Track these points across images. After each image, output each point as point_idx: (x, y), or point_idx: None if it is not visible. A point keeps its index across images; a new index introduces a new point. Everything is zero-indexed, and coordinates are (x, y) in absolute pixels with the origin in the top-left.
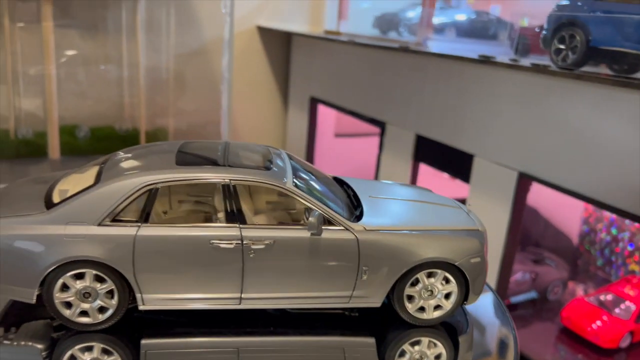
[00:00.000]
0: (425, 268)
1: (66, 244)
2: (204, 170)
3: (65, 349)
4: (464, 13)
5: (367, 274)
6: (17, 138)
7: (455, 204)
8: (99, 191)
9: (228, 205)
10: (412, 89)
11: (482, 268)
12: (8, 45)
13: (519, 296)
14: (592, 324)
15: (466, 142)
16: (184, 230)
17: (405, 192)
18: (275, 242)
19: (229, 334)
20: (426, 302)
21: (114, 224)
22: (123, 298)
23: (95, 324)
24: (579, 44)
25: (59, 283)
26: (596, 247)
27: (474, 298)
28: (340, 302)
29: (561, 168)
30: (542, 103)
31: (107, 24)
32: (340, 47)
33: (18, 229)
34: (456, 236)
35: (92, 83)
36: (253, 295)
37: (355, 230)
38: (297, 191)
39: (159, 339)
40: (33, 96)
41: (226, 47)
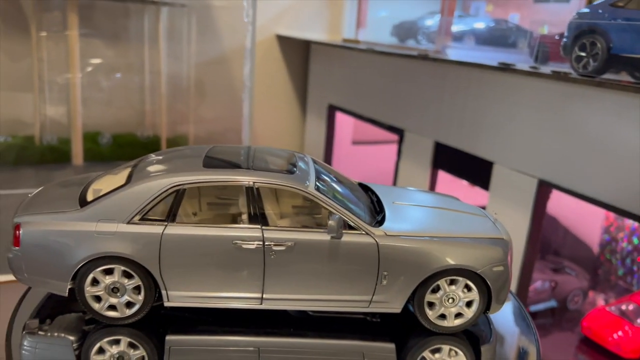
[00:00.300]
0: (446, 275)
1: (97, 240)
2: (229, 172)
3: (95, 341)
4: (482, 21)
5: (387, 279)
6: (42, 144)
7: (481, 212)
8: (129, 191)
9: (251, 207)
10: (430, 97)
11: (506, 277)
12: (35, 54)
13: (539, 305)
14: (614, 334)
15: (485, 149)
16: (208, 230)
17: (430, 199)
18: (296, 244)
19: (251, 334)
20: (447, 309)
21: (142, 223)
22: (149, 294)
23: (122, 318)
24: (600, 51)
25: (89, 277)
26: (617, 257)
27: (497, 307)
28: (360, 307)
29: (582, 175)
30: (562, 110)
31: (129, 33)
32: (359, 55)
33: (53, 224)
34: (479, 244)
35: (114, 91)
36: (274, 296)
37: (376, 235)
38: (319, 195)
39: (183, 335)
40: (58, 104)
41: (248, 56)
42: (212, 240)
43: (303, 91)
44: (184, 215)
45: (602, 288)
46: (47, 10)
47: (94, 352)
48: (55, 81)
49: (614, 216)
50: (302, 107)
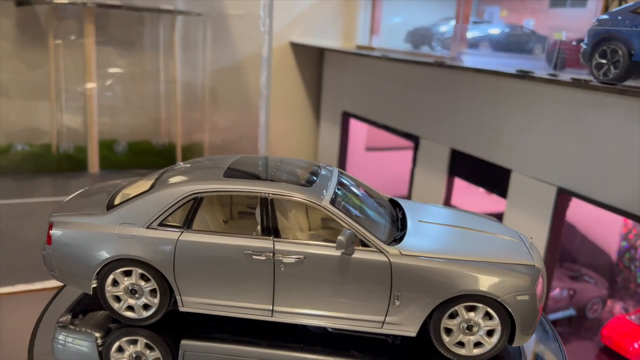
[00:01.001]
0: (464, 301)
1: (118, 242)
2: (246, 183)
3: (115, 339)
4: (497, 27)
5: (401, 300)
6: (59, 153)
7: (516, 236)
8: (151, 197)
9: (265, 218)
10: (446, 103)
11: (532, 307)
12: (52, 62)
13: (557, 313)
14: (635, 343)
15: (503, 156)
16: (221, 238)
17: (462, 219)
18: (306, 258)
19: (263, 345)
20: (465, 337)
21: (160, 228)
22: (164, 298)
23: (139, 319)
24: (621, 58)
25: (110, 278)
26: (636, 264)
27: (522, 339)
28: (372, 327)
29: (601, 183)
30: (582, 118)
31: (145, 41)
32: (373, 62)
33: (81, 225)
34: (503, 270)
35: (129, 99)
36: (284, 309)
37: (390, 253)
38: (332, 209)
39: (198, 341)
40: (74, 112)
41: (264, 65)
42: (224, 249)
43: (317, 98)
44: (200, 223)
45: (621, 296)
46: (63, 19)
47: (114, 350)
48: (71, 90)
49: (632, 223)
50: (316, 114)
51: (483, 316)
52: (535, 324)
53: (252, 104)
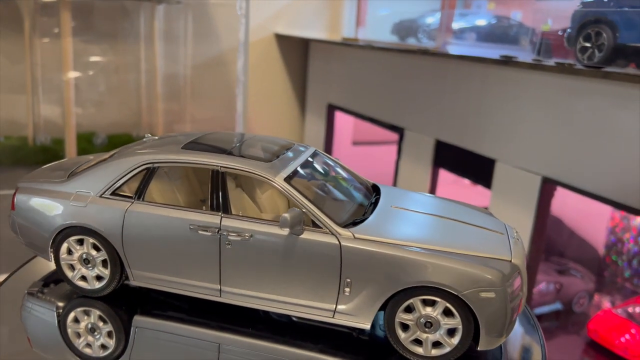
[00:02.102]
0: (421, 294)
1: (71, 210)
2: (200, 155)
3: (71, 309)
4: (484, 18)
5: (351, 287)
6: (36, 145)
7: (502, 229)
8: (105, 165)
9: (214, 192)
10: (431, 94)
11: (500, 306)
12: (28, 54)
13: (543, 307)
14: (621, 337)
15: (487, 146)
16: (168, 211)
17: (445, 209)
18: (252, 236)
19: (215, 327)
20: (423, 334)
21: (112, 197)
22: (115, 269)
23: (91, 290)
24: (605, 41)
25: (64, 246)
26: (623, 258)
27: (489, 341)
28: (323, 315)
29: (586, 172)
30: (566, 105)
31: (124, 32)
32: (358, 53)
33: (40, 192)
34: (468, 262)
35: (110, 91)
36: (232, 290)
37: (342, 235)
38: (285, 186)
39: (151, 318)
40: (52, 104)
41: (242, 50)
42: (171, 222)
43: (302, 91)
44: (151, 195)
45: (608, 290)
46: (40, 10)
47: (70, 320)
48: (49, 82)
49: (619, 217)
50: (301, 106)
51: (443, 313)
52: (507, 326)
53: (233, 95)
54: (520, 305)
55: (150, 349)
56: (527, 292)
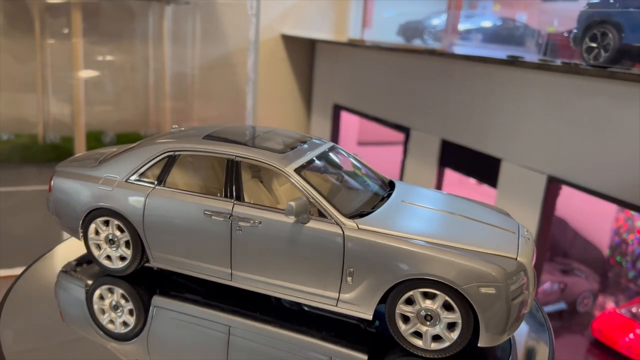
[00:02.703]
0: (421, 286)
1: (99, 193)
2: (218, 145)
3: (97, 286)
4: (489, 20)
5: (353, 277)
6: (45, 143)
7: (512, 228)
8: (132, 152)
9: (229, 180)
10: (437, 94)
11: (501, 302)
12: (38, 54)
13: (548, 307)
14: (625, 336)
15: (493, 146)
16: (186, 196)
17: (457, 206)
18: (261, 223)
19: (228, 311)
20: (423, 327)
21: (136, 182)
22: (136, 250)
23: (115, 269)
24: (611, 41)
25: (92, 226)
26: (627, 259)
27: (490, 338)
28: (327, 304)
29: (592, 170)
30: (571, 104)
31: (134, 32)
32: (364, 54)
33: (73, 176)
34: (471, 257)
35: (118, 90)
36: (242, 274)
37: (346, 225)
38: (295, 176)
39: (169, 298)
40: (62, 103)
41: (252, 49)
42: (187, 207)
43: (308, 91)
44: (171, 181)
45: (613, 291)
46: (50, 11)
47: (96, 296)
48: (59, 81)
49: (624, 218)
50: (307, 107)
51: (443, 306)
52: (509, 324)
53: (241, 93)
54: (526, 304)
55: (166, 327)
56: (534, 289)
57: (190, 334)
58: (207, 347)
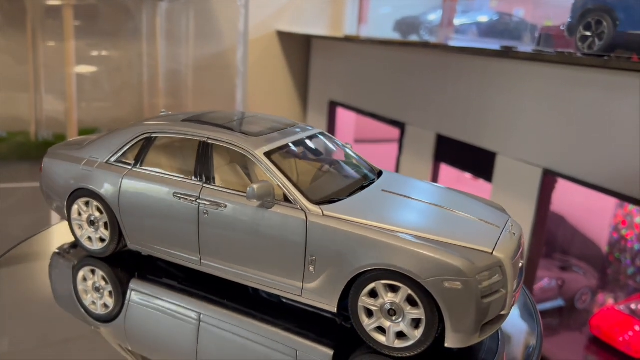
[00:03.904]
0: (384, 277)
1: (81, 174)
2: (192, 127)
3: (81, 267)
4: (486, 15)
5: (315, 265)
6: (38, 140)
7: (499, 223)
8: (115, 134)
9: (199, 163)
10: (432, 89)
11: (468, 298)
12: (31, 51)
13: (546, 304)
14: (623, 333)
15: (488, 140)
16: (158, 178)
17: (441, 198)
18: (227, 207)
19: (201, 298)
20: (387, 323)
21: (115, 164)
22: (114, 232)
23: (94, 250)
24: (606, 29)
25: (75, 207)
26: (626, 256)
27: (457, 339)
28: (292, 293)
29: (587, 163)
30: (566, 96)
31: (127, 31)
32: (359, 50)
33: (60, 157)
34: (435, 248)
35: (112, 88)
36: (210, 261)
37: (310, 211)
38: (264, 159)
39: (146, 282)
40: (55, 101)
41: (241, 41)
42: (158, 190)
43: (304, 88)
44: (147, 163)
45: (612, 288)
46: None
47: (80, 278)
48: (52, 79)
49: (622, 214)
50: (303, 103)
51: (408, 301)
52: (478, 323)
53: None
54: (504, 304)
55: (141, 312)
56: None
57: (162, 320)
58: (177, 333)
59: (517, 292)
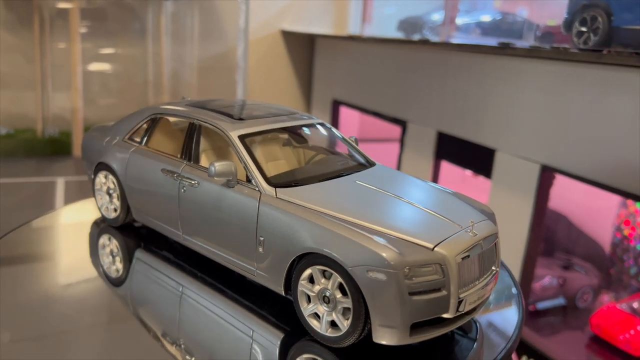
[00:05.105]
0: (318, 263)
1: (102, 149)
2: (190, 110)
3: (101, 234)
4: (489, 14)
5: (264, 246)
6: (44, 137)
7: (462, 222)
8: (132, 115)
9: (187, 142)
10: (433, 86)
11: (392, 292)
12: (37, 49)
13: (546, 302)
14: (624, 331)
15: (488, 136)
16: (153, 155)
17: (413, 193)
18: (199, 185)
19: (189, 273)
20: (321, 309)
21: (127, 141)
22: (123, 203)
23: (109, 219)
24: (601, 25)
25: (97, 179)
26: (629, 256)
27: (384, 333)
28: (248, 273)
29: (584, 158)
30: (563, 92)
31: (133, 30)
32: (362, 49)
33: (94, 136)
34: (367, 236)
35: (118, 86)
36: (189, 236)
37: (264, 192)
38: (236, 141)
39: (148, 254)
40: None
41: (241, 36)
42: (152, 166)
43: (307, 87)
44: (150, 141)
45: (614, 288)
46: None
47: (100, 244)
48: (59, 78)
49: (625, 214)
50: (307, 102)
51: (339, 289)
52: (406, 320)
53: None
54: (445, 306)
55: (141, 279)
56: (465, 292)
57: (155, 289)
58: (163, 302)
59: (480, 296)
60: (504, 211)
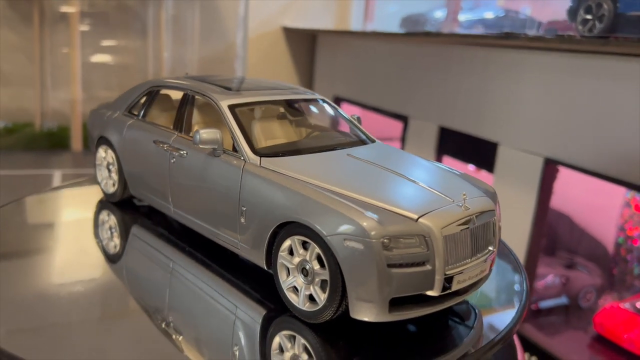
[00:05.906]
0: (297, 233)
1: (105, 124)
2: (186, 82)
3: (100, 210)
4: (492, 11)
5: (245, 216)
6: (42, 131)
7: (454, 196)
8: (131, 89)
9: (179, 113)
10: (435, 81)
11: (368, 263)
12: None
13: (548, 301)
14: (628, 330)
15: (490, 130)
16: (148, 126)
17: (407, 167)
18: (187, 155)
19: (181, 249)
20: (299, 282)
21: (125, 115)
22: (120, 177)
23: (107, 194)
24: (606, 12)
25: (97, 154)
26: (633, 255)
27: (361, 309)
28: (232, 245)
29: (587, 150)
30: (565, 84)
31: (133, 25)
32: (364, 45)
33: (99, 112)
34: (346, 204)
35: (117, 81)
36: (178, 209)
37: (249, 160)
38: (225, 111)
39: (144, 230)
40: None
41: (241, 25)
42: (146, 137)
43: (309, 84)
44: (147, 114)
45: (618, 288)
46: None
47: (101, 219)
48: (58, 73)
49: (629, 214)
50: None
51: (317, 260)
52: (383, 294)
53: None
54: (429, 281)
55: (136, 255)
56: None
57: (148, 265)
58: (155, 279)
59: (472, 276)
60: (507, 206)
